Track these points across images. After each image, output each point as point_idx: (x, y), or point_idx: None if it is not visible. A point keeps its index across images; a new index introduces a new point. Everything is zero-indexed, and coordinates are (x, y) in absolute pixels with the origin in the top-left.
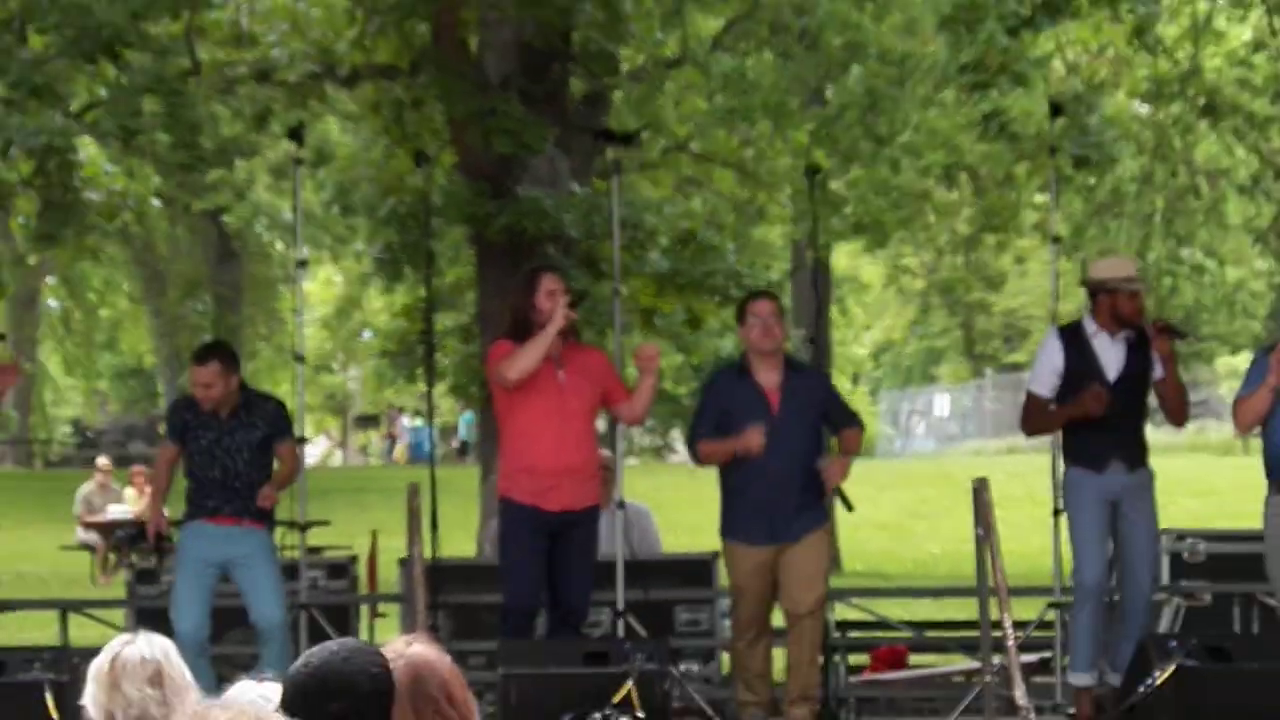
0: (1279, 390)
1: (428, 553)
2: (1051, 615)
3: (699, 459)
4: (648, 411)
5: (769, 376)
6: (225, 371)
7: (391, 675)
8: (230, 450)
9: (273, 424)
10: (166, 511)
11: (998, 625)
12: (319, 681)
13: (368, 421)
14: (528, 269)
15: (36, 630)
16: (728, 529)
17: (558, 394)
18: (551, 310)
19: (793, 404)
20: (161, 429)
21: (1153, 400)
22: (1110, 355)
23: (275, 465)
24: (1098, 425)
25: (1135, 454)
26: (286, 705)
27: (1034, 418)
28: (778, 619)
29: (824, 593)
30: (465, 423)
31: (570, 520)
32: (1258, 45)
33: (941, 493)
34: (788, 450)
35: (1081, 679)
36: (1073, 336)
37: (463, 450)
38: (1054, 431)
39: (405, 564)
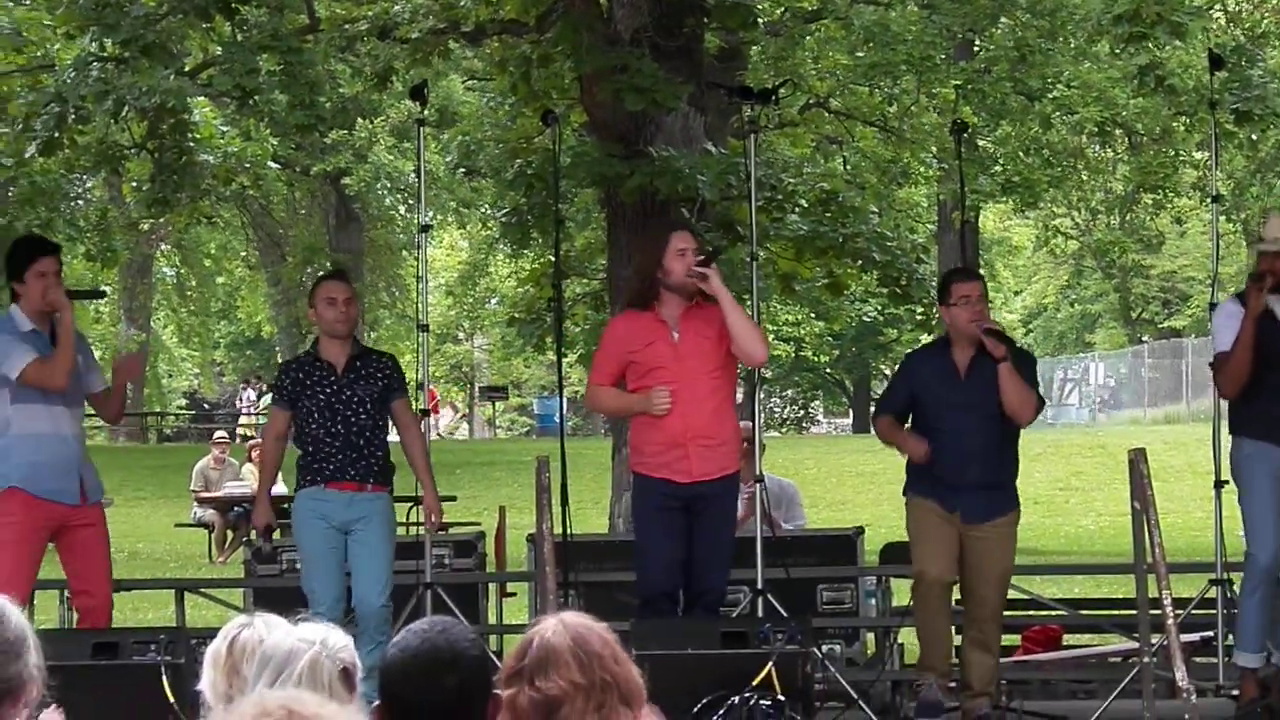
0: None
1: (558, 529)
2: (1213, 593)
3: (878, 435)
4: (756, 340)
5: (963, 355)
6: (353, 293)
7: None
8: (352, 403)
9: (390, 376)
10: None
11: (1156, 603)
12: (428, 659)
13: (495, 393)
14: (657, 223)
15: (152, 610)
16: (913, 486)
17: (675, 359)
18: (680, 271)
19: (983, 379)
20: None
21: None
22: None
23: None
24: (1277, 395)
25: None
26: (394, 692)
27: (1230, 370)
28: None
29: (1005, 590)
30: None
31: (704, 491)
32: None
33: (1096, 465)
34: (977, 429)
35: (1250, 660)
36: None
37: None
38: (1249, 362)
39: (534, 541)
